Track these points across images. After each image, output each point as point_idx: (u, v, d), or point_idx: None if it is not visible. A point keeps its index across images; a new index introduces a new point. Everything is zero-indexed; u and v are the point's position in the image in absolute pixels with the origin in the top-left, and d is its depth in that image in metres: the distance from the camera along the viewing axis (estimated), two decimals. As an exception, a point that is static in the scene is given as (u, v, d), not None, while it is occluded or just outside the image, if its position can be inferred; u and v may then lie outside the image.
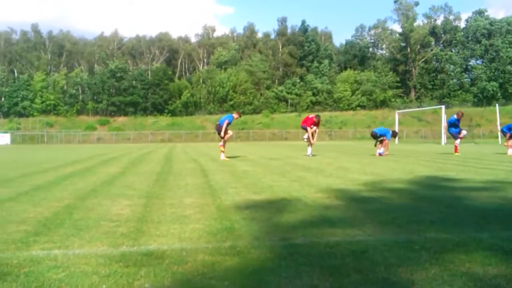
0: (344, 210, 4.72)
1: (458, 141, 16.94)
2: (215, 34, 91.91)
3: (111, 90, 74.57)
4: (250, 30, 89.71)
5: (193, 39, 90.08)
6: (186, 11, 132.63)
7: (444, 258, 2.88)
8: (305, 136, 16.09)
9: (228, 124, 13.99)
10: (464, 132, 17.12)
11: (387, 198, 5.61)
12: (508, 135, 16.25)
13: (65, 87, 73.80)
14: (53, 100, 71.47)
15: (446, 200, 5.35)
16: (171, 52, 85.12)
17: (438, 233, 3.58)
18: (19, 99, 70.83)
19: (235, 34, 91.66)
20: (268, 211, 4.64)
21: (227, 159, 13.74)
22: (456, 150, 16.87)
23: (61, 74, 75.42)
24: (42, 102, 70.87)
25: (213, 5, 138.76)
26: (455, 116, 17.05)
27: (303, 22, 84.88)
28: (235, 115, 14.55)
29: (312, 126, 15.81)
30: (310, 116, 16.30)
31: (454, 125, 17.08)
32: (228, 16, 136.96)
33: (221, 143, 14.17)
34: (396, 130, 41.95)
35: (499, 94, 73.72)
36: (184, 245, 3.24)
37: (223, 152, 14.05)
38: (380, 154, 15.83)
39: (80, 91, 75.28)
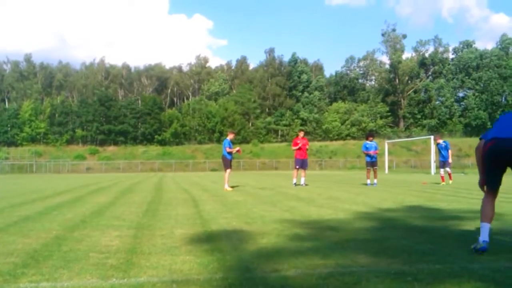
0: (336, 241, 4.70)
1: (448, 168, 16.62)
2: (208, 65, 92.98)
3: (101, 118, 74.41)
4: (241, 62, 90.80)
5: (185, 70, 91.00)
6: (180, 43, 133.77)
7: (437, 289, 2.87)
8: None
9: (230, 152, 14.03)
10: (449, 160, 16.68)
11: (378, 228, 5.61)
12: None
13: (56, 115, 73.51)
14: (42, 129, 71.11)
15: (437, 231, 5.36)
16: (161, 82, 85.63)
17: (430, 264, 3.58)
18: (9, 128, 70.49)
19: (225, 67, 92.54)
20: (260, 242, 4.61)
21: (230, 189, 13.58)
22: (450, 177, 16.71)
23: (47, 102, 75.33)
24: (32, 131, 70.48)
25: (207, 38, 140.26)
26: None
27: (293, 54, 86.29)
28: (230, 136, 14.60)
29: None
30: (301, 137, 16.35)
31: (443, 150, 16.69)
32: (222, 48, 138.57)
33: (226, 174, 14.05)
34: (386, 158, 42.50)
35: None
36: (174, 277, 3.20)
37: (227, 183, 13.90)
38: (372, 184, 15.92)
39: (69, 119, 74.93)
